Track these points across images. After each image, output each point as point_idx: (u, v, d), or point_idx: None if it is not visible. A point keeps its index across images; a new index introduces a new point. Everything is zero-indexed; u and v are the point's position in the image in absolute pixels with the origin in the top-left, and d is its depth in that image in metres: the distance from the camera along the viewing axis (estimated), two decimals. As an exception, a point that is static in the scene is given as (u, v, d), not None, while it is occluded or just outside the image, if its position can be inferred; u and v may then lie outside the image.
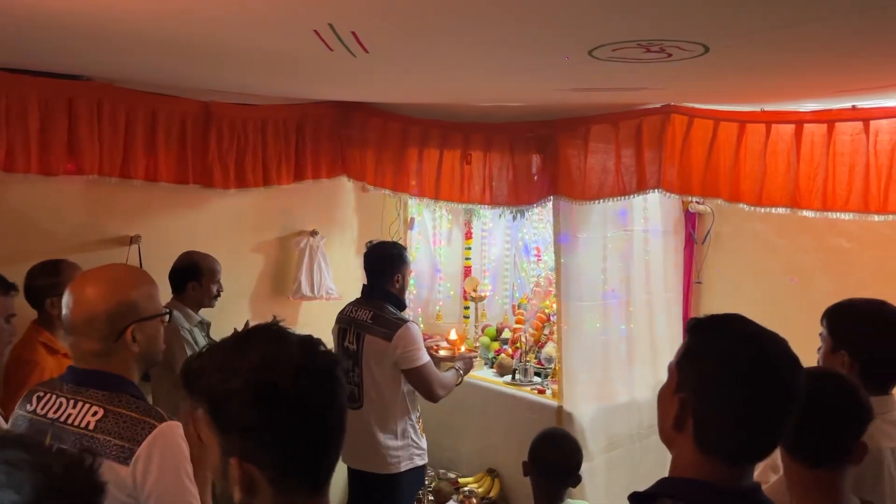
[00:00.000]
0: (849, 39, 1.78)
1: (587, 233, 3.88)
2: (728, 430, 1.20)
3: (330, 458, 1.11)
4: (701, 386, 1.22)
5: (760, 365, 1.19)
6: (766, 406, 1.19)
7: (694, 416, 1.22)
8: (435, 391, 3.29)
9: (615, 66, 1.99)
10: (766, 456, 1.25)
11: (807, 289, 3.62)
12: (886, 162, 2.89)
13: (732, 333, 1.24)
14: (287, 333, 1.10)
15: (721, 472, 1.21)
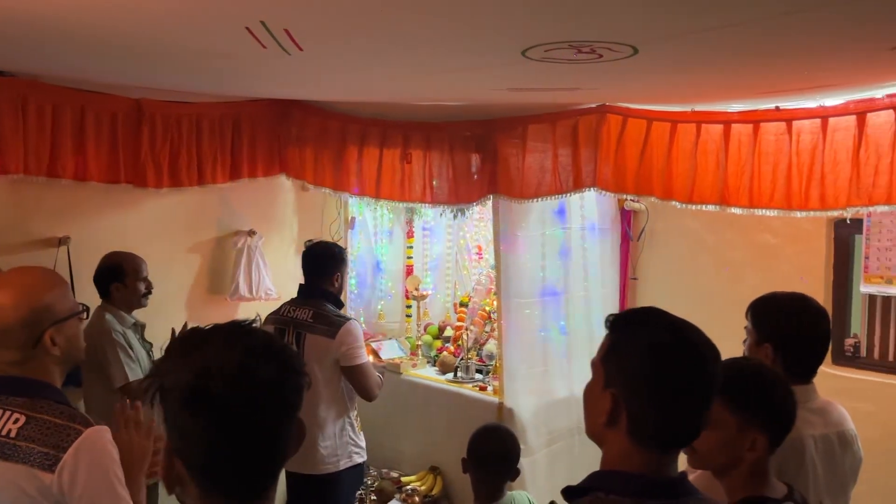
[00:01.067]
0: (771, 42, 1.85)
1: (526, 231, 3.93)
2: (661, 420, 1.23)
3: (261, 473, 1.04)
4: (631, 379, 1.25)
5: (686, 352, 1.24)
6: (693, 391, 1.24)
7: (627, 409, 1.25)
8: (373, 389, 3.30)
9: (548, 66, 2.03)
10: (692, 441, 1.29)
11: (736, 283, 3.75)
12: (807, 161, 3.02)
13: (655, 325, 1.28)
14: (247, 337, 1.05)
15: (651, 461, 1.25)
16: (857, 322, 3.73)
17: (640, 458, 1.24)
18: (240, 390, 1.00)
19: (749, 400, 1.66)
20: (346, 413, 3.33)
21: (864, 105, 2.87)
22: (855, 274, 3.64)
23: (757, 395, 1.68)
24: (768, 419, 1.66)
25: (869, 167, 2.86)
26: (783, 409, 1.69)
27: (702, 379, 1.24)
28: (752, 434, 1.65)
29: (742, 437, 1.66)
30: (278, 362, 1.03)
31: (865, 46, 1.96)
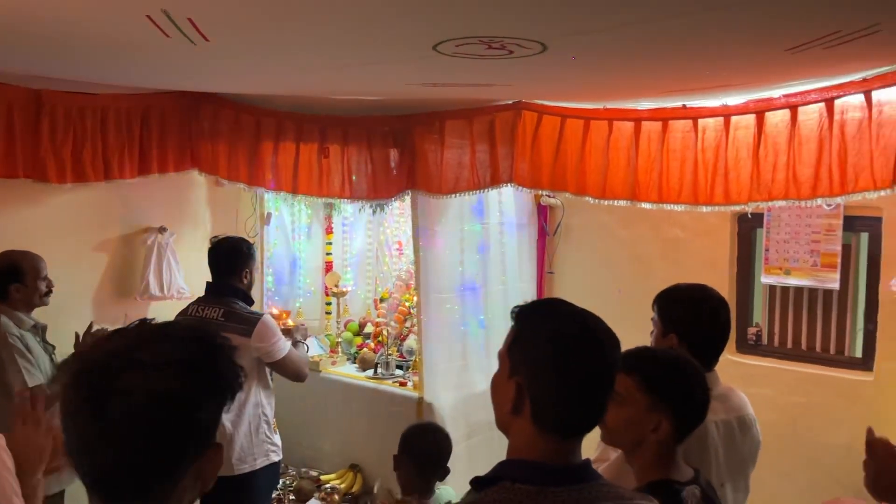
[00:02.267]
0: (673, 41, 1.92)
1: (445, 226, 3.95)
2: (563, 405, 1.26)
3: (136, 483, 0.97)
4: (534, 367, 1.28)
5: (587, 340, 1.27)
6: (594, 378, 1.27)
7: (530, 397, 1.27)
8: (304, 372, 3.33)
9: (460, 61, 2.04)
10: (595, 425, 1.32)
11: (647, 276, 3.87)
12: (712, 157, 3.14)
13: (557, 314, 1.32)
14: (144, 341, 0.99)
15: (556, 448, 1.28)
16: (759, 311, 3.91)
17: (545, 445, 1.27)
18: (110, 394, 0.94)
19: (661, 383, 1.73)
20: (262, 411, 3.27)
21: (762, 104, 3.00)
22: (756, 266, 3.82)
23: (669, 381, 1.74)
24: (676, 405, 1.72)
25: (768, 164, 3.00)
26: (693, 400, 1.75)
27: (601, 367, 1.28)
28: (657, 416, 1.71)
29: (649, 417, 1.72)
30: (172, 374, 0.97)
31: (763, 48, 2.05)
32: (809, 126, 2.87)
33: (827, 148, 2.83)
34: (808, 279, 3.59)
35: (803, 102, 2.89)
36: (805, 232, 3.58)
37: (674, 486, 1.72)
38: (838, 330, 3.66)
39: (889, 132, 2.66)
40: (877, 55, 2.33)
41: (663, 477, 1.74)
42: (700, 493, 1.75)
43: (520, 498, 1.23)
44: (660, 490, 1.71)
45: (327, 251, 4.90)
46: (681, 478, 1.75)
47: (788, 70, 2.48)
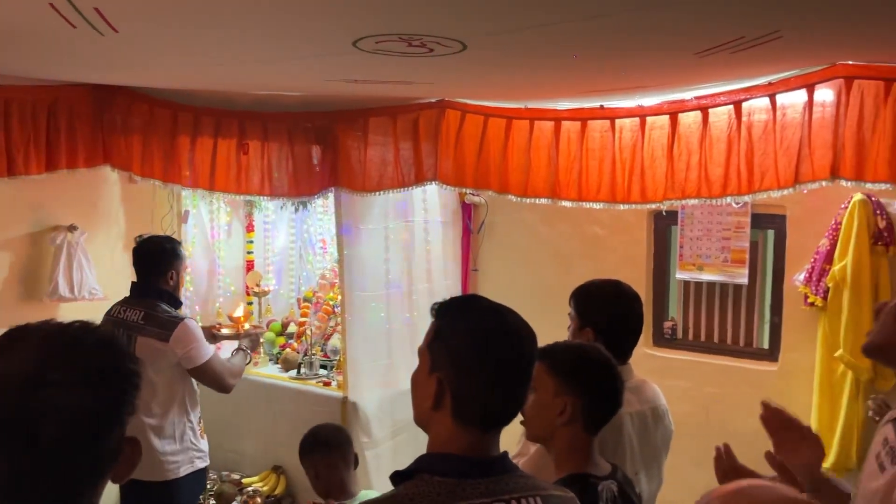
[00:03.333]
0: (588, 42, 1.96)
1: (369, 224, 3.93)
2: (483, 399, 1.29)
3: (56, 498, 0.94)
4: (454, 362, 1.30)
5: (504, 334, 1.30)
6: (513, 371, 1.30)
7: (452, 392, 1.29)
8: (226, 383, 3.19)
9: (381, 58, 2.03)
10: (513, 419, 1.35)
11: (568, 272, 3.95)
12: (629, 157, 3.22)
13: (476, 310, 1.35)
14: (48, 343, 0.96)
15: (474, 441, 1.30)
16: (674, 306, 4.05)
17: (464, 438, 1.30)
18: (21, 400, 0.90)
19: (566, 367, 1.79)
20: (186, 416, 3.18)
21: (676, 106, 3.11)
22: (671, 262, 3.95)
23: (574, 364, 1.80)
24: (582, 388, 1.77)
25: (681, 163, 3.10)
26: (600, 385, 1.80)
27: (520, 360, 1.31)
28: (563, 399, 1.76)
29: (555, 402, 1.77)
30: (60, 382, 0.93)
31: (673, 52, 2.12)
32: (719, 127, 2.99)
33: (735, 148, 2.95)
34: (720, 275, 3.75)
35: (713, 105, 3.01)
36: (716, 229, 3.73)
37: (590, 479, 1.76)
38: (747, 323, 3.83)
39: (791, 134, 2.79)
40: (779, 60, 2.45)
41: (579, 470, 1.78)
42: (617, 487, 1.79)
43: (437, 490, 1.25)
44: (576, 483, 1.75)
45: (248, 250, 4.80)
46: (598, 472, 1.80)
47: (699, 73, 2.58)
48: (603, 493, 1.77)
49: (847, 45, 2.28)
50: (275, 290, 4.82)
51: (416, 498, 1.24)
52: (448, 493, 1.25)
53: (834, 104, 2.66)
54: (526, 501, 1.30)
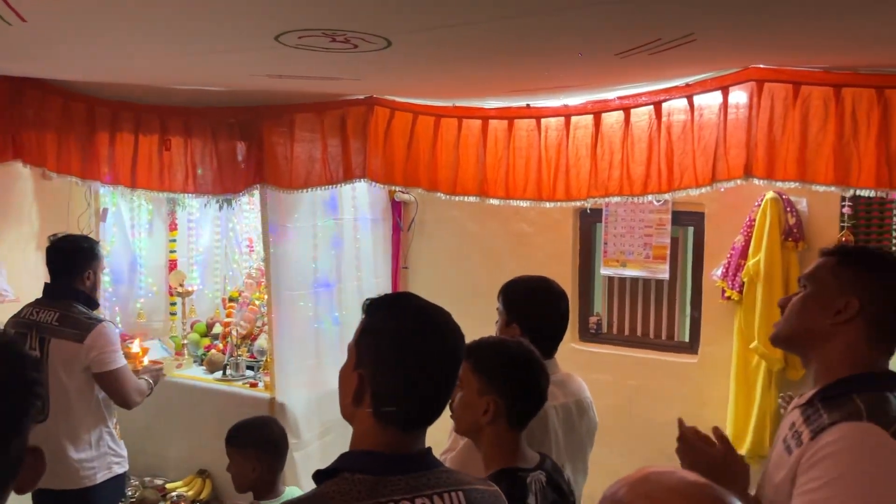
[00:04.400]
0: (512, 41, 1.98)
1: (297, 222, 3.88)
2: (402, 398, 1.28)
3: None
4: (377, 359, 1.29)
5: (428, 334, 1.30)
6: (435, 372, 1.30)
7: (372, 389, 1.29)
8: (131, 397, 3.04)
9: (304, 53, 2.00)
10: (435, 419, 1.35)
11: (497, 269, 3.99)
12: (555, 156, 3.28)
13: (403, 308, 1.34)
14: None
15: (395, 439, 1.30)
16: (599, 301, 4.14)
17: (385, 435, 1.29)
18: None
19: (488, 365, 1.80)
20: (103, 422, 3.06)
21: (599, 105, 3.18)
22: (596, 258, 4.05)
23: (496, 363, 1.81)
24: (504, 387, 1.79)
25: (604, 162, 3.17)
26: (522, 383, 1.82)
27: (443, 361, 1.31)
28: (487, 399, 1.78)
29: (480, 400, 1.79)
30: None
31: (595, 52, 2.17)
32: (641, 127, 3.07)
33: (656, 148, 3.04)
34: (642, 270, 3.85)
35: (635, 105, 3.09)
36: (639, 226, 3.83)
37: (518, 473, 1.79)
38: (668, 317, 3.95)
39: (708, 134, 2.89)
40: (696, 62, 2.53)
41: (508, 465, 1.80)
42: (546, 477, 1.83)
43: (358, 488, 1.24)
44: (505, 478, 1.77)
45: (171, 249, 4.66)
46: (526, 464, 1.83)
47: (620, 73, 2.64)
48: (532, 484, 1.80)
49: (758, 49, 2.38)
50: (199, 289, 4.70)
51: (336, 496, 1.24)
52: (369, 490, 1.24)
53: (747, 106, 2.77)
54: (448, 496, 1.31)
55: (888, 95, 2.55)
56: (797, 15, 1.76)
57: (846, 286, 1.48)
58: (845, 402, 1.40)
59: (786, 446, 1.48)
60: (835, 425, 1.36)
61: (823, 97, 2.63)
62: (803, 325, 1.54)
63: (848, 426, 1.35)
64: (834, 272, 1.51)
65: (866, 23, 1.84)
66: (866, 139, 2.57)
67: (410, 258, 4.50)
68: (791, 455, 1.43)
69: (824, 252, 1.58)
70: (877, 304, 1.47)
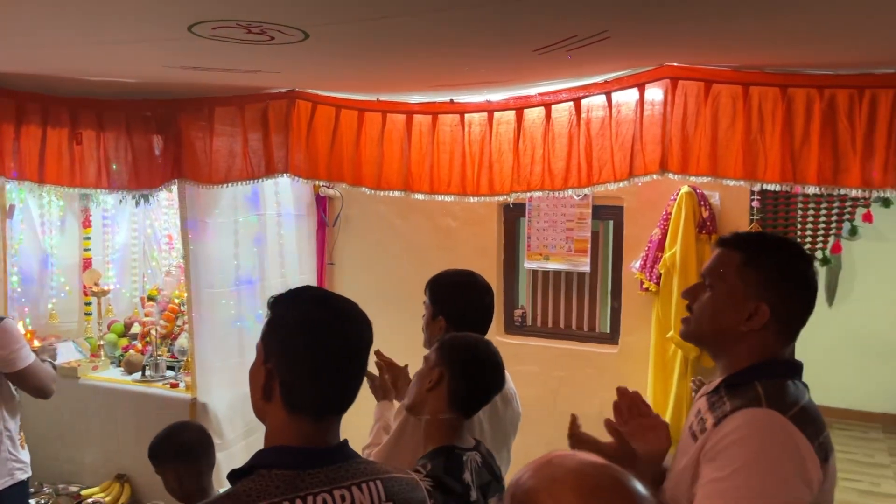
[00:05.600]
0: (429, 36, 1.98)
1: (217, 217, 3.79)
2: (310, 388, 1.29)
3: None
4: (284, 352, 1.29)
5: (331, 322, 1.31)
6: (341, 360, 1.31)
7: (280, 382, 1.29)
8: (48, 387, 2.94)
9: (219, 45, 1.95)
10: (348, 407, 1.35)
11: (423, 264, 3.99)
12: (478, 151, 3.31)
13: (306, 300, 1.35)
14: None
15: (309, 431, 1.30)
16: (523, 295, 4.21)
17: (298, 428, 1.29)
18: None
19: (442, 343, 1.96)
20: (3, 424, 2.92)
21: (521, 102, 3.22)
22: (520, 252, 4.11)
23: (448, 344, 1.96)
24: (447, 362, 1.91)
25: (526, 157, 3.22)
26: (471, 367, 1.93)
27: (347, 348, 1.32)
28: (438, 371, 1.90)
29: (431, 372, 1.91)
30: None
31: (513, 48, 2.19)
32: (561, 123, 3.13)
33: (576, 143, 3.10)
34: (564, 263, 3.93)
35: (556, 101, 3.14)
36: (561, 220, 3.91)
37: (455, 450, 1.88)
38: (590, 309, 4.05)
39: (626, 130, 2.97)
40: (612, 60, 2.60)
41: (446, 443, 1.88)
42: (481, 458, 1.93)
43: (276, 483, 1.24)
44: (442, 454, 1.86)
45: (85, 246, 4.48)
46: (464, 445, 1.92)
47: (540, 70, 2.68)
48: (468, 462, 1.89)
49: (671, 48, 2.46)
50: (116, 288, 4.54)
51: (252, 493, 1.22)
52: (287, 485, 1.24)
53: (662, 103, 2.85)
54: (367, 486, 1.32)
55: (791, 94, 2.67)
56: (706, 15, 1.83)
57: (754, 290, 1.47)
58: (747, 389, 1.44)
59: (691, 433, 1.52)
60: (736, 412, 1.40)
61: (732, 95, 2.74)
62: (714, 328, 1.54)
63: (748, 413, 1.38)
64: (741, 275, 1.49)
65: (771, 23, 1.93)
66: (771, 135, 2.69)
67: (336, 254, 4.46)
68: (696, 441, 1.46)
69: (723, 242, 1.58)
70: (786, 303, 1.48)
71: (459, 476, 1.82)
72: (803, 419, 1.38)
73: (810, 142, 2.66)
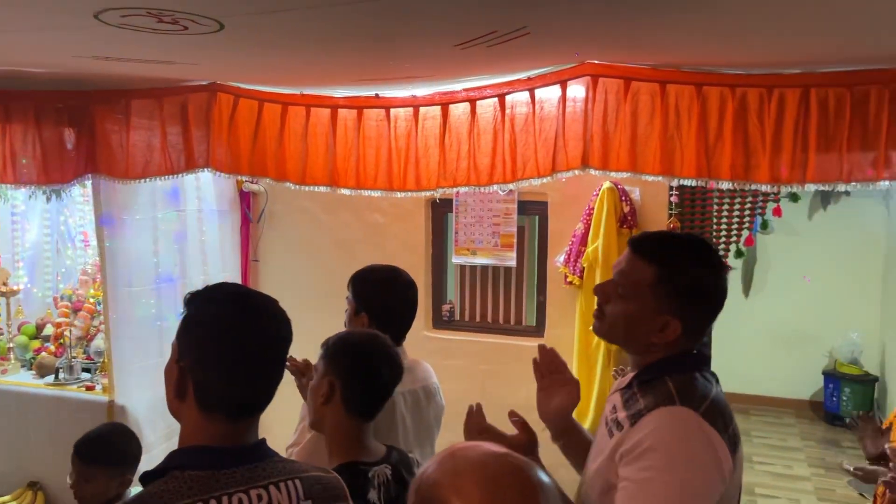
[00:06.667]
0: (348, 29, 1.96)
1: (135, 214, 3.67)
2: (225, 386, 1.26)
3: None
4: (197, 350, 1.26)
5: (248, 320, 1.28)
6: (256, 358, 1.28)
7: (193, 380, 1.26)
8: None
9: (130, 34, 1.88)
10: (265, 406, 1.32)
11: (351, 260, 3.95)
12: (404, 146, 3.30)
13: (221, 296, 1.32)
14: None
15: (224, 430, 1.27)
16: (452, 290, 4.23)
17: (212, 428, 1.26)
18: None
19: (331, 349, 1.85)
20: None
21: (447, 97, 3.22)
22: (448, 247, 4.12)
23: (338, 347, 1.85)
24: (340, 368, 1.82)
25: (452, 152, 3.23)
26: (361, 368, 1.83)
27: (265, 347, 1.29)
28: (328, 381, 1.81)
29: (322, 383, 1.82)
30: None
31: (433, 42, 2.19)
32: (486, 119, 3.15)
33: (501, 139, 3.12)
34: (491, 258, 3.97)
35: (480, 97, 3.16)
36: (487, 216, 3.94)
37: (360, 467, 1.79)
38: (517, 302, 4.10)
39: (549, 127, 3.01)
40: (534, 56, 2.63)
41: (349, 459, 1.80)
42: (391, 471, 1.83)
43: (189, 484, 1.21)
44: (345, 471, 1.76)
45: (-8, 244, 4.26)
46: (370, 458, 1.83)
47: (463, 65, 2.69)
48: (374, 479, 1.80)
49: (591, 45, 2.50)
50: (27, 288, 4.34)
51: (165, 495, 1.19)
52: (201, 486, 1.21)
53: (584, 100, 2.91)
54: (284, 485, 1.30)
55: (706, 92, 2.76)
56: (619, 12, 1.87)
57: (667, 307, 1.48)
58: (659, 384, 1.47)
59: (608, 429, 1.54)
60: (651, 413, 1.42)
61: (651, 93, 2.81)
62: (625, 337, 1.57)
63: (663, 412, 1.41)
64: (654, 292, 1.49)
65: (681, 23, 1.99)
66: (687, 132, 2.78)
67: (261, 250, 4.38)
68: (612, 438, 1.49)
69: (637, 249, 1.57)
70: (697, 318, 1.52)
71: (364, 496, 1.74)
72: (714, 413, 1.42)
73: (723, 139, 2.76)
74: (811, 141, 2.68)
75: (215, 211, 4.12)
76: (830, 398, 6.52)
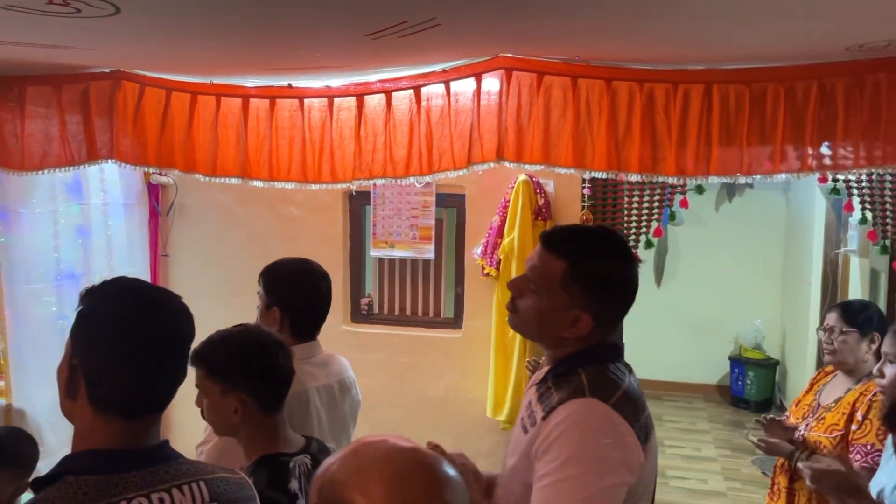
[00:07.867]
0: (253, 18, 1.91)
1: (34, 207, 3.48)
2: (119, 384, 1.20)
3: None
4: (89, 345, 1.21)
5: (143, 316, 1.22)
6: (153, 355, 1.22)
7: (85, 378, 1.21)
8: None
9: (17, 16, 1.77)
10: (165, 405, 1.27)
11: (265, 253, 3.86)
12: (318, 137, 3.24)
13: (116, 290, 1.26)
14: None
15: (121, 431, 1.21)
16: (370, 283, 4.20)
17: (108, 429, 1.21)
18: None
19: (223, 366, 1.76)
20: None
21: (362, 88, 3.18)
22: (366, 240, 4.09)
23: (230, 362, 1.76)
24: (245, 381, 1.75)
25: (368, 144, 3.19)
26: (264, 371, 1.78)
27: (162, 343, 1.24)
28: (234, 397, 1.75)
29: (227, 401, 1.74)
30: None
31: (344, 32, 2.16)
32: (402, 111, 3.13)
33: (417, 131, 3.11)
34: (409, 251, 3.96)
35: (396, 88, 3.13)
36: (405, 208, 3.93)
37: (281, 458, 1.77)
38: (435, 295, 4.11)
39: (464, 119, 3.02)
40: (447, 48, 2.63)
41: (269, 451, 1.78)
42: (311, 461, 1.82)
43: (84, 490, 1.15)
44: (266, 464, 1.75)
45: None
46: (289, 449, 1.81)
47: (377, 56, 2.66)
48: (295, 468, 1.78)
49: (503, 39, 2.52)
50: (-87, 288, 4.05)
51: (57, 501, 1.13)
52: (97, 492, 1.15)
53: (498, 93, 2.93)
54: (189, 488, 1.25)
55: (615, 87, 2.83)
56: (527, 11, 1.89)
57: (577, 301, 1.49)
58: (573, 377, 1.48)
59: (522, 426, 1.54)
60: (562, 405, 1.43)
61: (563, 87, 2.86)
62: (538, 331, 1.58)
63: (573, 404, 1.42)
64: (565, 286, 1.49)
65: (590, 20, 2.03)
66: (598, 126, 2.84)
67: (171, 245, 4.23)
68: (527, 434, 1.49)
69: (548, 244, 1.56)
70: (608, 311, 1.53)
71: (285, 487, 1.72)
72: (624, 404, 1.44)
73: (632, 132, 2.84)
74: (714, 135, 2.79)
75: (122, 204, 3.96)
76: (736, 382, 6.83)
